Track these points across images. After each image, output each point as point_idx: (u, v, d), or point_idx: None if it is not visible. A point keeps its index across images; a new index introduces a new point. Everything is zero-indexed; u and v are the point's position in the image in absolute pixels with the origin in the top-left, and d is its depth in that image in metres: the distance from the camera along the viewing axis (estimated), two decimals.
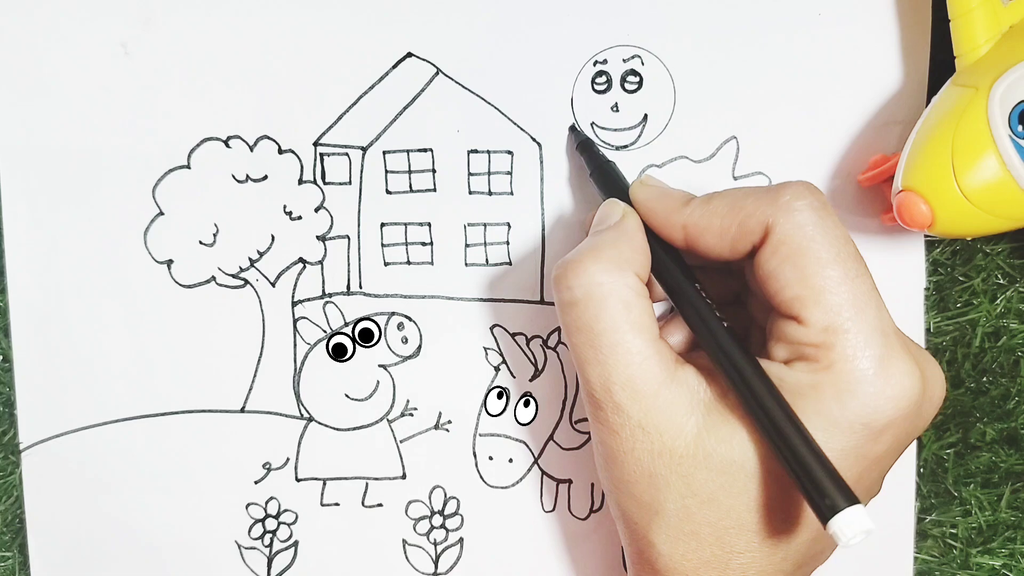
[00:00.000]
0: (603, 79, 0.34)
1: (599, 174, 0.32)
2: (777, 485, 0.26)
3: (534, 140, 0.34)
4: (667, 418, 0.26)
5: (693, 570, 0.27)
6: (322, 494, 0.35)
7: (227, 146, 0.34)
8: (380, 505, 0.36)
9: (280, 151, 0.34)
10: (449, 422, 0.35)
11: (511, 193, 0.34)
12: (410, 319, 0.35)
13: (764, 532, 0.27)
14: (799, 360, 0.27)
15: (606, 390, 0.27)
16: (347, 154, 0.34)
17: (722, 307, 0.28)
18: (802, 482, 0.24)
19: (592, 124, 0.34)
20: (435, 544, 0.36)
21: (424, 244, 0.34)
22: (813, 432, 0.25)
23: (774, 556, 0.27)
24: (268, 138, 0.34)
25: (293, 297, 0.35)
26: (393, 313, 0.35)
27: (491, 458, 0.36)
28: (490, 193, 0.34)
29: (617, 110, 0.34)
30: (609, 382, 0.27)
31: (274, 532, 0.36)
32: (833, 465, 0.24)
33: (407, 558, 0.36)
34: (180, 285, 0.34)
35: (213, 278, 0.34)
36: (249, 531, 0.35)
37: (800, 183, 0.27)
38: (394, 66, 0.34)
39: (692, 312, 0.28)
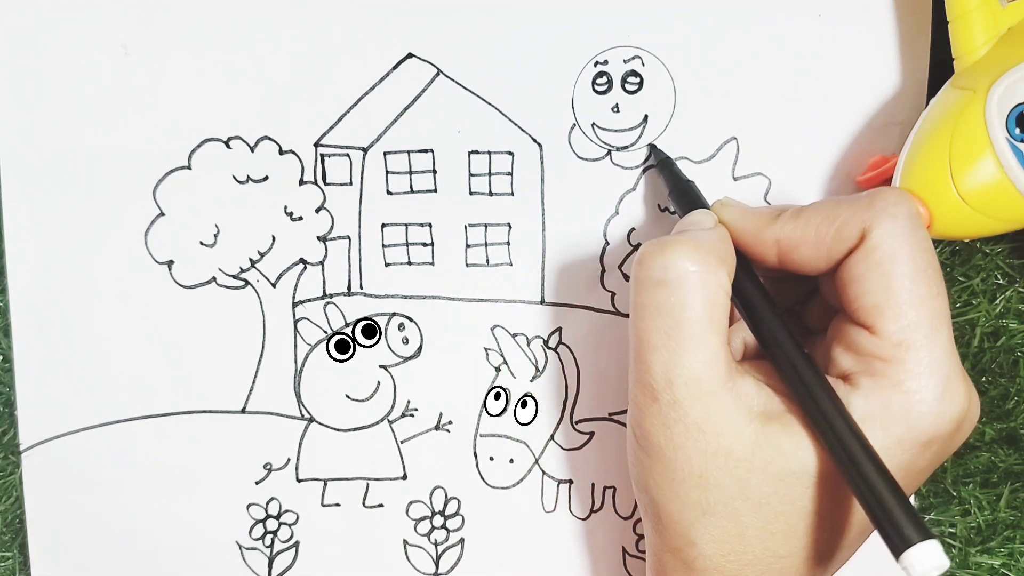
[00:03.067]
0: (603, 80, 0.34)
1: (678, 193, 0.32)
2: (829, 496, 0.26)
3: (535, 141, 0.34)
4: (725, 420, 0.26)
5: (733, 572, 0.27)
6: (323, 494, 0.35)
7: (228, 147, 0.34)
8: (381, 505, 0.36)
9: (281, 152, 0.34)
10: (450, 422, 0.35)
11: (512, 194, 0.34)
12: (411, 319, 0.35)
13: (808, 538, 0.27)
14: (865, 375, 0.26)
15: (668, 382, 0.26)
16: (348, 155, 0.34)
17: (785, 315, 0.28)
18: (875, 514, 0.24)
19: (592, 125, 0.34)
20: (436, 544, 0.36)
21: (425, 245, 0.34)
22: (880, 452, 0.25)
23: (810, 561, 0.27)
24: (269, 139, 0.34)
25: (294, 298, 0.35)
26: (394, 314, 0.35)
27: (492, 458, 0.36)
28: (491, 194, 0.34)
29: (617, 111, 0.34)
30: (673, 374, 0.26)
31: (275, 532, 0.36)
32: (907, 497, 0.24)
33: (408, 558, 0.36)
34: (181, 286, 0.34)
35: (214, 279, 0.34)
36: (250, 531, 0.35)
37: (896, 190, 0.27)
38: (395, 67, 0.34)
39: (771, 338, 0.27)
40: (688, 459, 0.26)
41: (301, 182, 0.34)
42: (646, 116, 0.34)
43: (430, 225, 0.34)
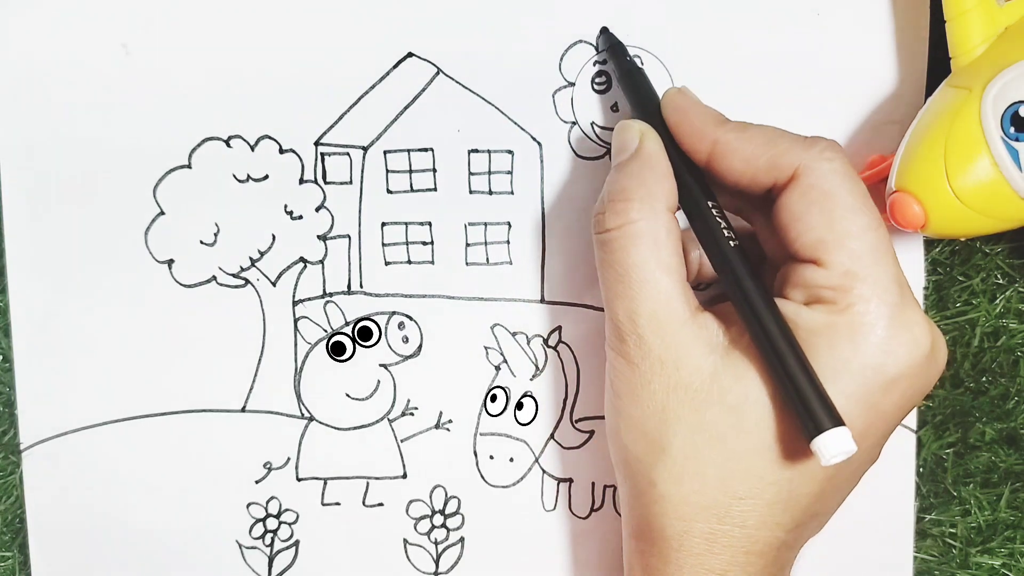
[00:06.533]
0: (603, 79, 0.34)
1: (627, 79, 0.32)
2: (786, 429, 0.27)
3: (534, 139, 0.34)
4: (686, 354, 0.27)
5: (691, 515, 0.27)
6: (323, 493, 0.35)
7: (228, 146, 0.34)
8: (381, 504, 0.36)
9: (281, 151, 0.34)
10: (450, 421, 0.35)
11: (511, 192, 0.34)
12: (411, 318, 0.35)
13: (768, 478, 0.27)
14: (816, 303, 0.27)
15: (631, 321, 0.28)
16: (348, 154, 0.34)
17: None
18: (793, 401, 0.25)
19: (592, 124, 0.34)
20: (436, 543, 0.36)
21: (425, 243, 0.35)
22: (824, 372, 0.26)
23: (775, 507, 0.27)
24: (269, 138, 0.34)
25: (294, 296, 0.35)
26: (394, 312, 0.35)
27: (492, 457, 0.36)
28: (491, 192, 0.34)
29: (617, 109, 0.34)
30: (635, 314, 0.28)
31: (275, 531, 0.35)
32: (825, 389, 0.25)
33: (408, 557, 0.36)
34: (181, 285, 0.34)
35: (214, 278, 0.34)
36: (250, 531, 0.35)
37: (831, 140, 0.28)
38: (395, 66, 0.34)
39: (703, 227, 0.29)
40: (652, 394, 0.28)
41: (301, 181, 0.34)
42: None
43: (430, 224, 0.34)
